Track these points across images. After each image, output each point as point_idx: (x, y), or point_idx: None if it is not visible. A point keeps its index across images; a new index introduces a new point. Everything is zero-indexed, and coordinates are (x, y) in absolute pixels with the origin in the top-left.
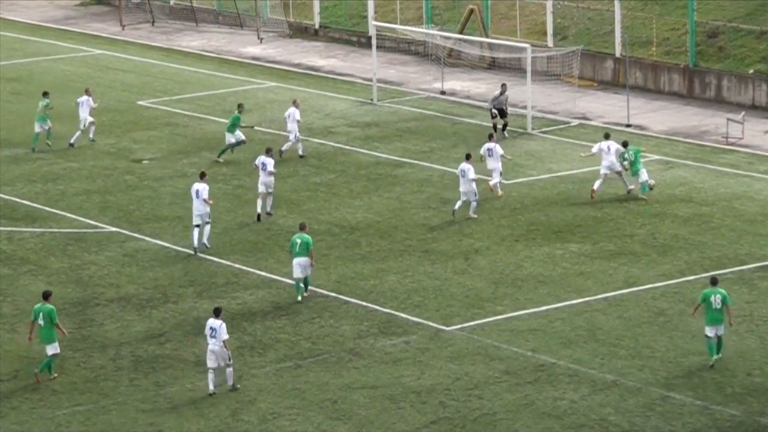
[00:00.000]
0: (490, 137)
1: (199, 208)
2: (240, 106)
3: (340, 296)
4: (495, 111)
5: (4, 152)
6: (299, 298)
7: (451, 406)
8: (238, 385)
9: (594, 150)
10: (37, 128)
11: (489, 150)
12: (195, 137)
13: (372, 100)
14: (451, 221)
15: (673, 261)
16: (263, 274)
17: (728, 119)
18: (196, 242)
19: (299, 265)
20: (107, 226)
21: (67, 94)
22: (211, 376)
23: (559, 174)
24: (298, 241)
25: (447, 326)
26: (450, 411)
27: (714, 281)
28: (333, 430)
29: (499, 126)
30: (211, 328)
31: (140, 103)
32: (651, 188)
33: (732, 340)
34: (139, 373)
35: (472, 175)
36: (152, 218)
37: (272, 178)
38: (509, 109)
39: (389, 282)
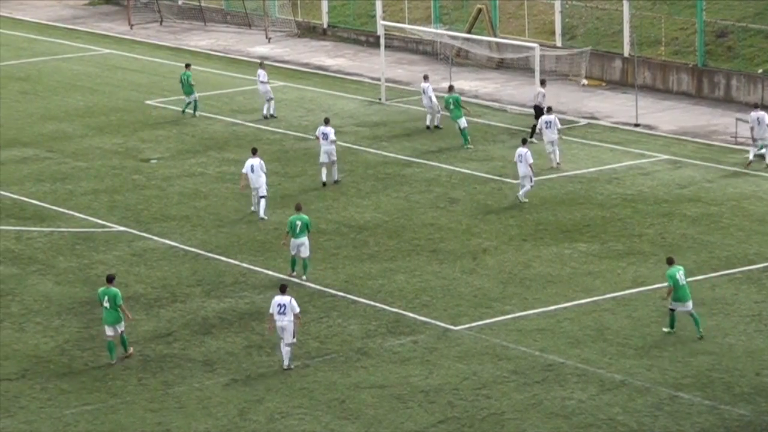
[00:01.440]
0: (549, 110)
1: (255, 182)
2: (450, 88)
3: (348, 296)
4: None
5: (13, 152)
6: (294, 274)
7: (459, 406)
8: (293, 366)
9: (750, 122)
10: (193, 97)
11: (548, 123)
12: (203, 137)
13: (380, 99)
14: (459, 221)
15: (681, 261)
16: (271, 273)
17: (737, 119)
18: (254, 206)
19: (298, 246)
20: (115, 226)
21: (74, 93)
22: (285, 348)
23: (567, 174)
24: (299, 222)
25: (455, 326)
26: (458, 410)
27: (670, 261)
28: (341, 430)
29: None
30: (279, 305)
31: (148, 102)
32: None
33: (741, 339)
34: (147, 373)
35: (530, 158)
36: (160, 218)
37: (334, 147)
38: (514, 109)
39: (397, 281)
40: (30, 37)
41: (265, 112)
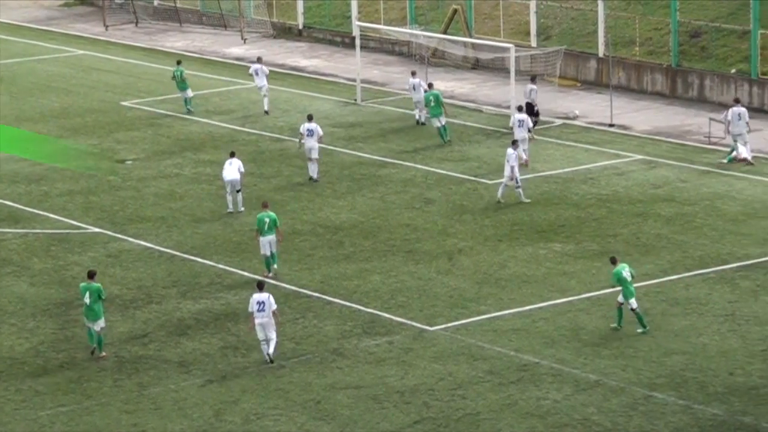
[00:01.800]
0: (520, 109)
1: (230, 177)
2: (430, 85)
3: (324, 296)
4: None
5: None
6: (270, 274)
7: (434, 406)
8: (273, 358)
9: (729, 117)
10: (189, 93)
11: (520, 121)
12: (178, 138)
13: (356, 100)
14: (434, 221)
15: (655, 260)
16: (246, 274)
17: (711, 119)
18: (230, 206)
19: (268, 243)
20: (90, 227)
21: (49, 94)
22: (264, 345)
23: (542, 174)
24: (267, 219)
25: (431, 326)
26: (433, 411)
27: (614, 260)
28: (316, 430)
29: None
30: (258, 302)
31: (123, 103)
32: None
33: (714, 339)
34: (123, 374)
35: (513, 161)
36: (136, 219)
37: (317, 145)
38: (490, 109)
39: (373, 282)
40: (4, 38)
41: (266, 107)
